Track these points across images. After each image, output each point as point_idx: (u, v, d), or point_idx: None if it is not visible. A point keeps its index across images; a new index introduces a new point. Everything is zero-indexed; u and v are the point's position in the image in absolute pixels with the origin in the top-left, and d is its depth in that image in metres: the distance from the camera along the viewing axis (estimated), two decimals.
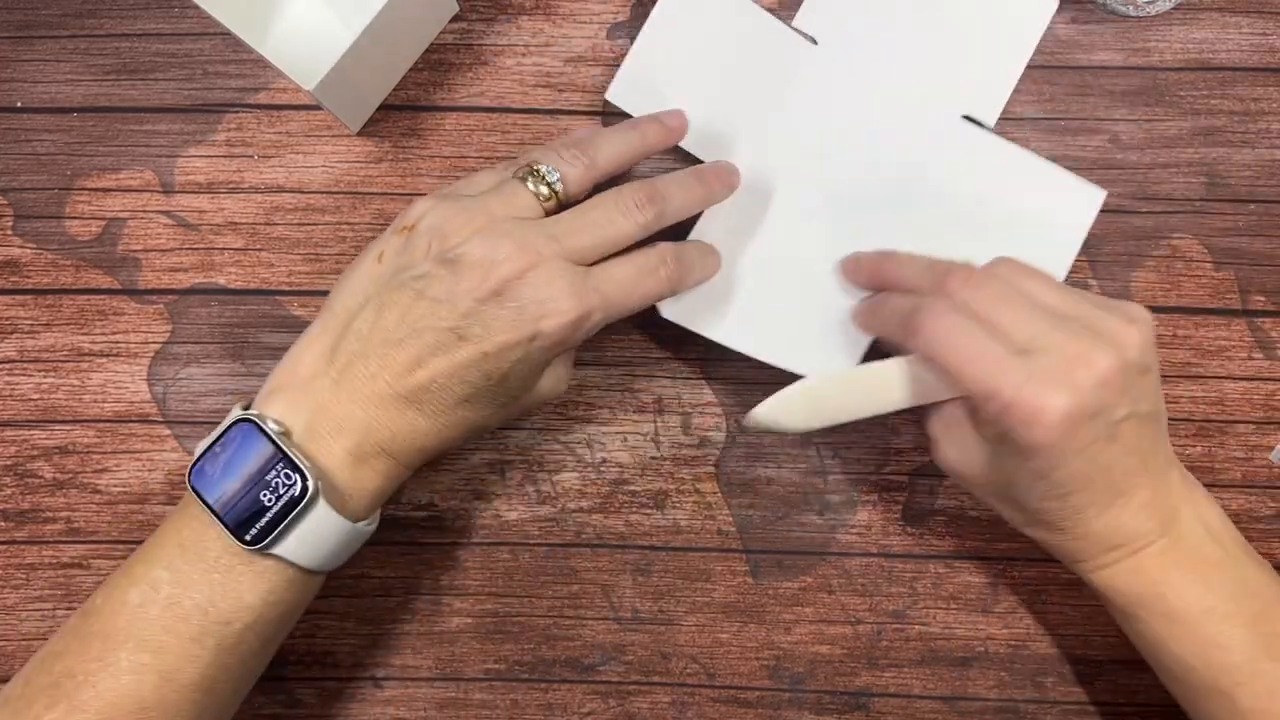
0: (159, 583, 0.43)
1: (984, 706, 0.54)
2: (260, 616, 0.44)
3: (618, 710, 0.55)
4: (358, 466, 0.44)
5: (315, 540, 0.43)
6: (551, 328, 0.44)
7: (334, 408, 0.44)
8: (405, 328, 0.44)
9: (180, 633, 0.42)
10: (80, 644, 0.43)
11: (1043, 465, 0.44)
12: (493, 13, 0.57)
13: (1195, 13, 0.56)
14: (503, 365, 0.44)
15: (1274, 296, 0.55)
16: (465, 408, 0.45)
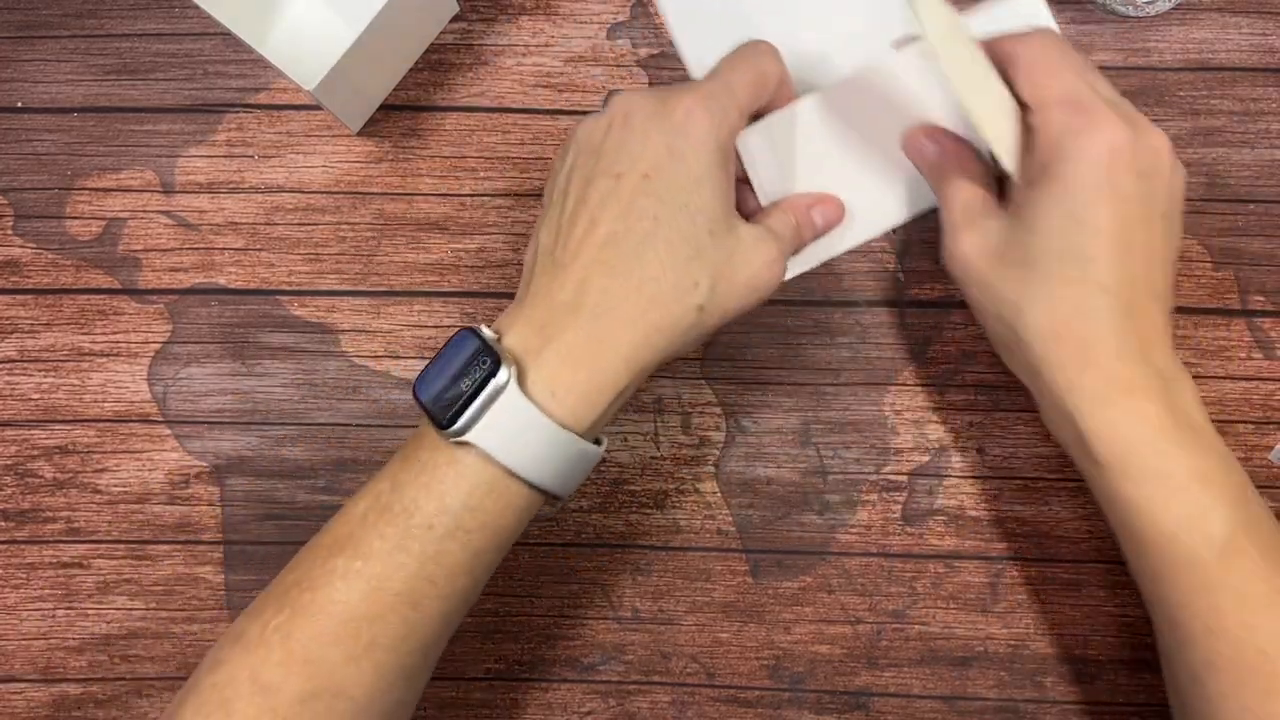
0: (381, 493, 0.44)
1: (984, 706, 0.54)
2: (461, 523, 0.43)
3: (618, 710, 0.55)
4: (560, 362, 0.43)
5: (511, 432, 0.42)
6: (681, 113, 0.44)
7: (537, 313, 0.44)
8: (573, 207, 0.45)
9: (389, 537, 0.43)
10: (310, 554, 0.44)
11: (1082, 198, 0.43)
12: (493, 13, 0.57)
13: (1195, 13, 0.56)
14: (665, 177, 0.43)
15: (1273, 296, 0.55)
16: (655, 249, 0.43)
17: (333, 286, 0.56)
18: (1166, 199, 0.45)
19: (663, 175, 0.43)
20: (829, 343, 0.55)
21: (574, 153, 0.46)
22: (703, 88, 0.45)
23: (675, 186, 0.43)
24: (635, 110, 0.45)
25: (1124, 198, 0.43)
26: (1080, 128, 0.43)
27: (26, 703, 0.55)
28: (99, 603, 0.55)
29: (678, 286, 0.43)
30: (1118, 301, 0.43)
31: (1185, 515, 0.43)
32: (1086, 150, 0.43)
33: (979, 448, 0.55)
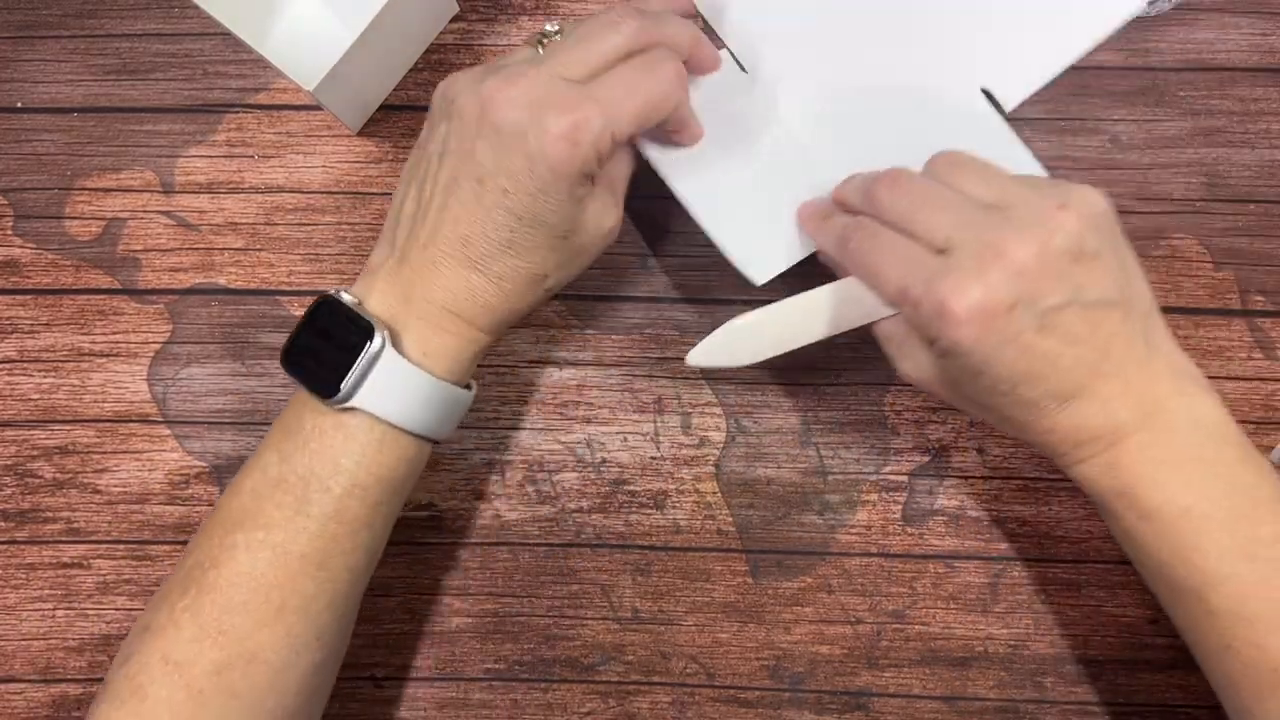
0: (268, 465, 0.45)
1: (984, 706, 0.54)
2: (357, 480, 0.45)
3: (618, 710, 0.55)
4: (427, 326, 0.45)
5: (392, 391, 0.44)
6: (549, 143, 0.43)
7: (400, 281, 0.46)
8: (439, 192, 0.45)
9: (286, 504, 0.44)
10: (205, 536, 0.46)
11: (973, 363, 0.43)
12: (493, 13, 0.57)
13: (1195, 13, 0.56)
14: (524, 201, 0.44)
15: (1274, 296, 0.55)
16: (512, 254, 0.45)
17: (332, 286, 0.56)
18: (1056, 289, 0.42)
19: (521, 192, 0.44)
20: (829, 343, 0.55)
21: (446, 127, 0.46)
22: (579, 112, 0.43)
23: (532, 206, 0.44)
24: (504, 116, 0.43)
25: (1007, 341, 0.42)
26: (926, 318, 0.43)
27: (26, 703, 0.55)
28: (99, 603, 0.55)
29: (531, 279, 0.46)
30: (1059, 397, 0.44)
31: (1174, 551, 0.43)
32: (945, 334, 0.42)
33: (979, 448, 0.55)
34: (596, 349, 0.56)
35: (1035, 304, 0.42)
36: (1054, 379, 0.43)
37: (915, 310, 0.43)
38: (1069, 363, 0.43)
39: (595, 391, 0.56)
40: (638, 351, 0.56)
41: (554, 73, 0.44)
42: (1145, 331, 0.44)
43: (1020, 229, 0.42)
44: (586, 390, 0.56)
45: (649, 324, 0.56)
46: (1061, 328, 0.42)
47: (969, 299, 0.41)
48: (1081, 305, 0.43)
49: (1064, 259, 0.42)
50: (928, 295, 0.42)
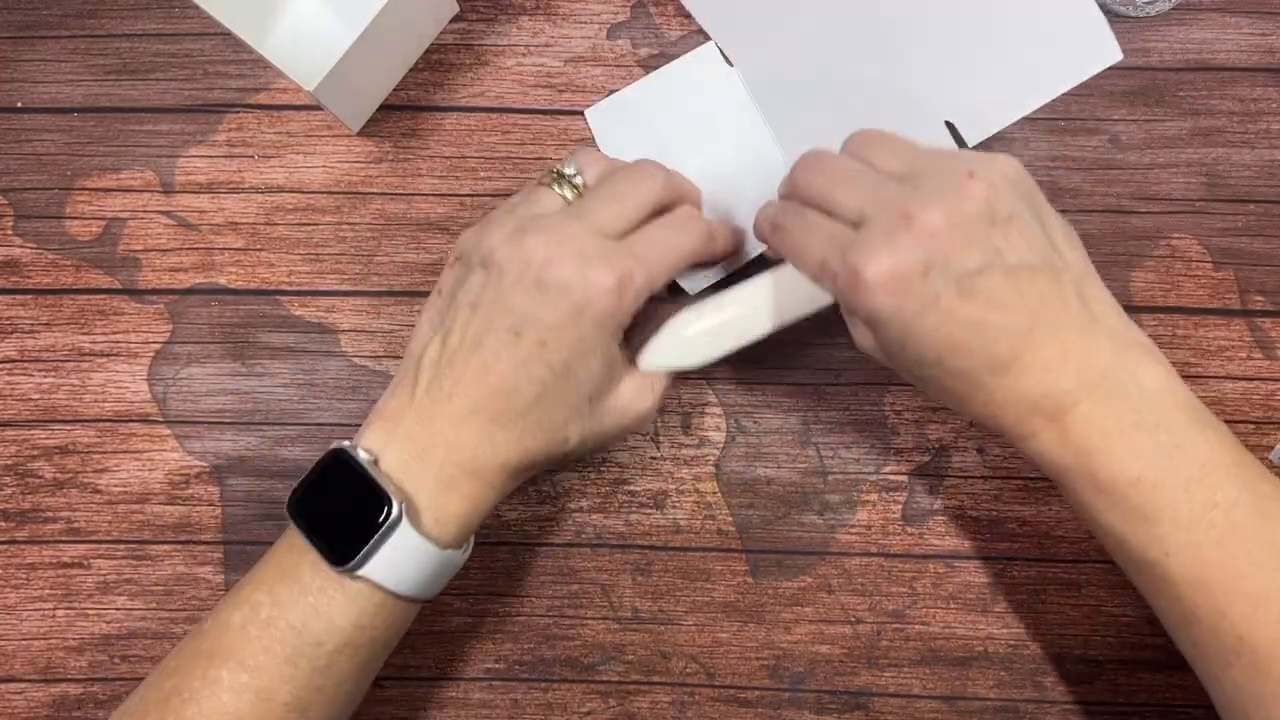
0: (259, 605, 0.44)
1: (984, 706, 0.54)
2: (350, 640, 0.44)
3: (618, 710, 0.55)
4: (442, 491, 0.45)
5: (402, 564, 0.44)
6: (596, 295, 0.44)
7: (418, 435, 0.45)
8: (468, 342, 0.45)
9: (275, 653, 0.44)
10: (189, 662, 0.45)
11: (895, 333, 0.42)
12: (493, 13, 0.57)
13: (1195, 13, 0.56)
14: (561, 351, 0.44)
15: (1273, 296, 0.55)
16: (538, 410, 0.45)
17: (333, 286, 0.56)
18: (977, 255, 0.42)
19: (560, 346, 0.44)
20: (829, 343, 0.55)
21: (480, 278, 0.46)
22: (628, 265, 0.45)
23: (568, 358, 0.45)
24: (550, 271, 0.44)
25: (925, 307, 0.42)
26: (842, 289, 0.43)
27: (26, 703, 0.55)
28: (99, 603, 0.55)
29: (553, 439, 0.46)
30: (990, 368, 0.43)
31: (1126, 521, 0.43)
32: (861, 304, 0.42)
33: (979, 448, 0.55)
34: None
35: (950, 267, 0.41)
36: (981, 348, 0.42)
37: (835, 284, 0.43)
38: (995, 330, 0.42)
39: None
40: None
41: (595, 228, 0.46)
42: (1080, 295, 0.43)
43: (929, 196, 0.42)
44: None
45: None
46: (983, 292, 0.42)
47: (879, 265, 0.41)
48: (1003, 269, 0.42)
49: (977, 222, 0.42)
50: (843, 267, 0.42)
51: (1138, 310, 0.55)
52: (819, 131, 0.54)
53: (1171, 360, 0.55)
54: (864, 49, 0.54)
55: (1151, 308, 0.55)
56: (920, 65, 0.53)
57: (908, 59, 0.53)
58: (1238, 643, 0.42)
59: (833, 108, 0.54)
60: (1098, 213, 0.55)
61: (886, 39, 0.53)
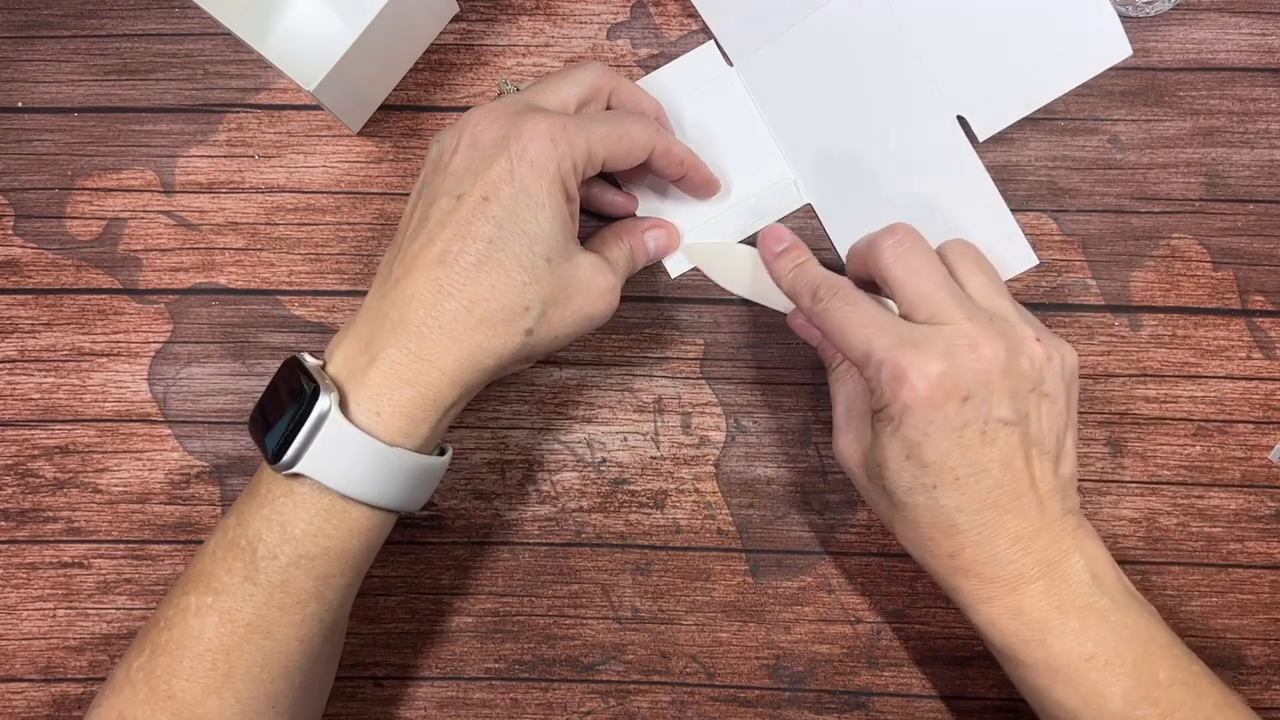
0: (229, 528, 0.45)
1: (983, 706, 0.54)
2: (304, 551, 0.43)
3: (618, 710, 0.55)
4: (384, 381, 0.43)
5: (340, 458, 0.43)
6: (529, 140, 0.44)
7: (364, 331, 0.44)
8: (414, 225, 0.45)
9: (236, 571, 0.44)
10: (170, 594, 0.46)
11: (910, 437, 0.43)
12: (493, 13, 0.57)
13: (1195, 13, 0.56)
14: (503, 202, 0.44)
15: (1273, 296, 0.55)
16: (489, 270, 0.43)
17: (333, 286, 0.56)
18: (1009, 403, 0.44)
19: (501, 199, 0.44)
20: None
21: (425, 170, 0.47)
22: (557, 118, 0.45)
23: (514, 212, 0.44)
24: (483, 130, 0.45)
25: (950, 428, 0.43)
26: (885, 380, 0.44)
27: (26, 703, 0.55)
28: (99, 603, 0.55)
29: (508, 309, 0.44)
30: (975, 515, 0.44)
31: (1079, 697, 0.44)
32: (897, 399, 0.43)
33: None
34: (596, 348, 0.56)
35: (987, 408, 0.43)
36: (972, 493, 0.44)
37: (877, 373, 0.44)
38: (993, 482, 0.44)
39: (595, 391, 0.56)
40: (637, 351, 0.56)
41: (529, 99, 0.46)
42: (1064, 492, 0.46)
43: (998, 335, 0.44)
44: (586, 390, 0.56)
45: (649, 324, 0.56)
46: (999, 444, 0.43)
47: (930, 371, 0.42)
48: (1024, 434, 0.44)
49: (1025, 383, 0.44)
50: (891, 358, 0.43)
51: (1138, 310, 0.55)
52: (820, 130, 0.54)
53: (1171, 360, 0.55)
54: (871, 46, 0.54)
55: (1151, 308, 0.55)
56: (930, 61, 0.53)
57: (917, 54, 0.53)
58: None
59: (837, 106, 0.54)
60: (1098, 213, 0.55)
61: (894, 35, 0.54)
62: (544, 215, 0.44)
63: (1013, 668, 0.46)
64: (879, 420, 0.45)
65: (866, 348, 0.44)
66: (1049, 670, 0.44)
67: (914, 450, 0.43)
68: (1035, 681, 0.45)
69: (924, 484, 0.44)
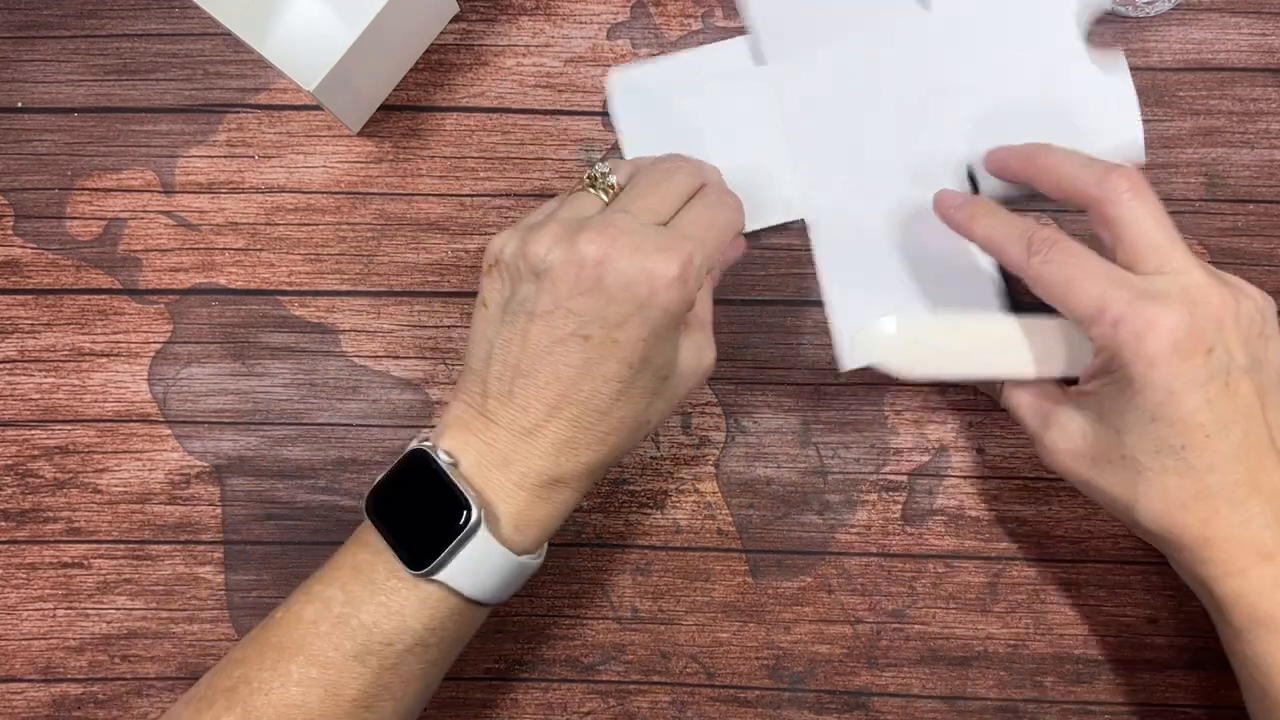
0: (332, 601, 0.44)
1: (984, 706, 0.55)
2: (421, 640, 0.44)
3: (618, 710, 0.55)
4: (524, 498, 0.44)
5: (478, 570, 0.44)
6: (662, 288, 0.43)
7: (497, 444, 0.44)
8: (532, 352, 0.44)
9: (345, 649, 0.43)
10: (258, 653, 0.44)
11: (1154, 399, 0.42)
12: (493, 13, 0.57)
13: (1195, 13, 0.56)
14: (635, 347, 0.44)
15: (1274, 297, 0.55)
16: (619, 406, 0.44)
17: (333, 286, 0.56)
18: (1245, 352, 0.43)
19: (633, 342, 0.44)
20: (829, 343, 0.55)
21: (531, 287, 0.44)
22: (686, 249, 0.44)
23: (645, 356, 0.44)
24: (609, 270, 0.43)
25: (1195, 382, 0.42)
26: (1124, 338, 0.42)
27: (26, 703, 0.55)
28: (99, 603, 0.55)
29: (635, 426, 0.46)
30: (1228, 474, 0.43)
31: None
32: (1139, 357, 0.42)
33: (979, 448, 0.55)
34: None
35: (1228, 358, 0.42)
36: (1225, 450, 0.42)
37: (1113, 329, 0.42)
38: (1240, 436, 0.42)
39: None
40: None
41: (642, 220, 0.45)
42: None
43: (1223, 284, 0.43)
44: None
45: None
46: (1243, 393, 0.42)
47: (1174, 325, 0.41)
48: (1260, 383, 0.43)
49: (1254, 327, 0.43)
50: (1131, 314, 0.42)
51: None
52: (832, 151, 0.54)
53: None
54: (902, 82, 0.54)
55: None
56: (954, 110, 0.54)
57: (943, 101, 0.54)
58: None
59: (855, 132, 0.54)
60: None
61: (927, 78, 0.54)
62: (669, 348, 0.45)
63: (1248, 645, 0.43)
64: (1112, 384, 0.43)
65: (1100, 302, 0.43)
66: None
67: (1159, 410, 0.42)
68: (1269, 658, 0.43)
69: (1172, 445, 0.42)
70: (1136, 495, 0.44)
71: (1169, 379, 0.42)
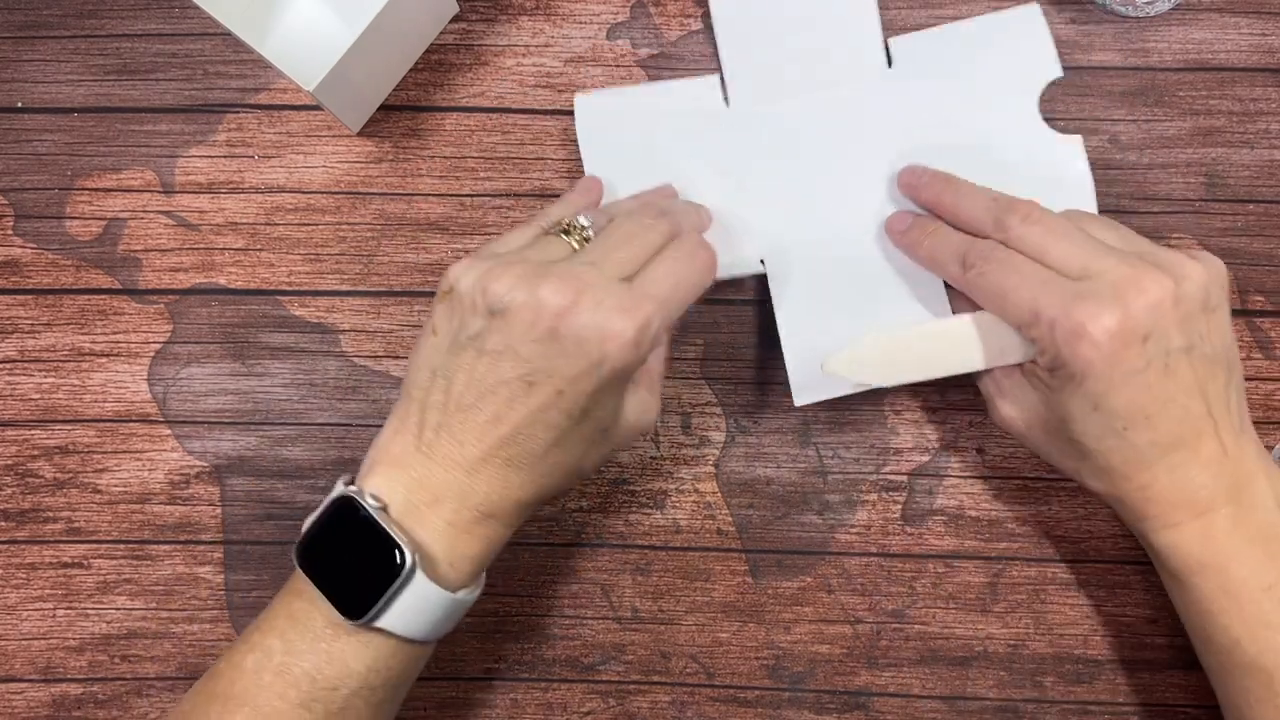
0: (272, 651, 0.44)
1: (983, 706, 0.54)
2: (365, 683, 0.44)
3: (617, 710, 0.55)
4: (457, 535, 0.44)
5: (415, 612, 0.44)
6: (615, 349, 0.43)
7: (428, 480, 0.44)
8: (476, 388, 0.44)
9: (290, 698, 0.43)
10: (204, 705, 0.45)
11: (1095, 390, 0.43)
12: (493, 13, 0.57)
13: (1194, 13, 0.56)
14: (579, 400, 0.44)
15: (1273, 296, 0.55)
16: (555, 452, 0.45)
17: (333, 286, 0.56)
18: (1182, 332, 0.44)
19: (577, 395, 0.43)
20: None
21: (483, 324, 0.44)
22: (645, 311, 0.43)
23: (586, 405, 0.44)
24: (566, 323, 0.42)
25: (1133, 371, 0.43)
26: (1060, 341, 0.44)
27: (26, 703, 0.55)
28: (99, 603, 0.55)
29: (569, 472, 0.46)
30: (1167, 447, 0.44)
31: (1248, 626, 0.44)
32: (1075, 356, 0.43)
33: (979, 448, 0.55)
34: None
35: (1166, 341, 0.43)
36: (1164, 426, 0.44)
37: (1049, 332, 0.44)
38: (1179, 412, 0.44)
39: None
40: None
41: (608, 274, 0.44)
42: (1239, 401, 0.46)
43: (1155, 268, 0.44)
44: None
45: None
46: (1180, 373, 0.44)
47: (1107, 322, 0.43)
48: (1200, 355, 0.44)
49: (1192, 305, 0.44)
50: (1064, 316, 0.43)
51: None
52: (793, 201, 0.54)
53: None
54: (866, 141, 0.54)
55: None
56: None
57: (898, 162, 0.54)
58: None
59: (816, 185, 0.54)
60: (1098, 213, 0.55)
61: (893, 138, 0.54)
62: (612, 403, 0.45)
63: (1183, 590, 0.46)
64: (1056, 378, 0.45)
65: (1033, 307, 0.44)
66: (1223, 595, 0.44)
67: (1101, 401, 0.44)
68: (1204, 605, 0.45)
69: (1114, 429, 0.44)
70: (1082, 469, 0.47)
71: (1107, 372, 0.43)
